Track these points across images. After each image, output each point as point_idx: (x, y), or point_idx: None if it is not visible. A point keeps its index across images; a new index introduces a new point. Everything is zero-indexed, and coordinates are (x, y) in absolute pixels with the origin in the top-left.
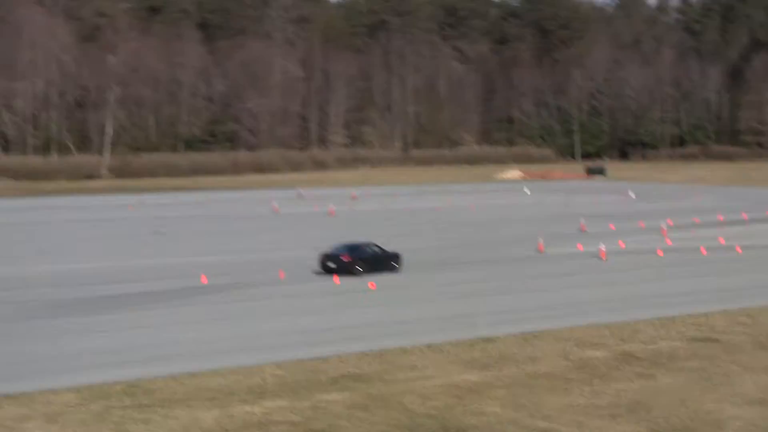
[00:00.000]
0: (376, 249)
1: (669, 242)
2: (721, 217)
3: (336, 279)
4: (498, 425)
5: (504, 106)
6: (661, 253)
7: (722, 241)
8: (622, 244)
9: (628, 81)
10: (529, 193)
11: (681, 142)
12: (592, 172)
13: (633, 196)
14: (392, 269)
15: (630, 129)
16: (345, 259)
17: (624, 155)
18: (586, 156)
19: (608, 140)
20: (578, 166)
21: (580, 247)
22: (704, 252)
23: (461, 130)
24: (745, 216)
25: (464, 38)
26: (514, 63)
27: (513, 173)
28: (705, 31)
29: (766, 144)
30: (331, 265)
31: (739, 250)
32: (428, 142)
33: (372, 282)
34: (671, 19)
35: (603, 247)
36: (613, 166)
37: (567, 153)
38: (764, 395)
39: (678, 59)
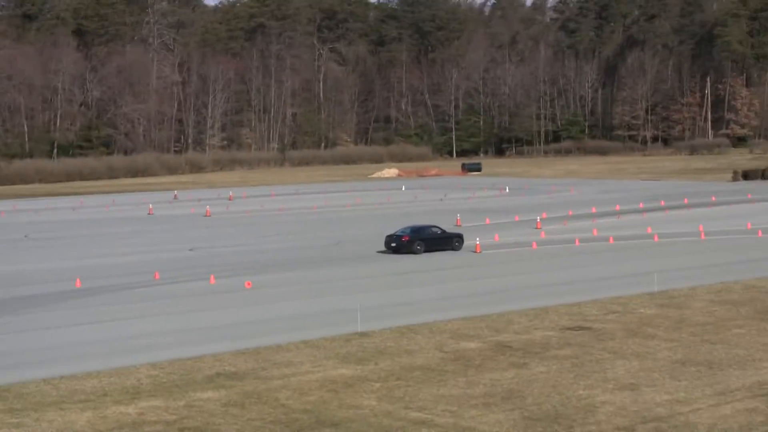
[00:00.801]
0: (437, 230)
1: (543, 235)
2: (594, 210)
3: (212, 279)
4: (373, 418)
5: (382, 106)
6: (535, 246)
7: (595, 232)
8: (497, 238)
9: (505, 79)
10: (405, 190)
11: (556, 137)
12: (468, 168)
13: (508, 190)
14: (454, 248)
15: (506, 126)
16: (404, 239)
17: (500, 151)
18: (463, 153)
19: (485, 137)
20: (455, 163)
21: None
22: (578, 243)
23: (339, 131)
24: (617, 208)
25: (342, 40)
26: (392, 64)
27: (390, 172)
28: (580, 30)
29: (638, 138)
30: (393, 244)
31: (611, 240)
32: (306, 142)
33: (248, 281)
34: (547, 18)
35: (478, 241)
36: (488, 162)
37: (444, 151)
38: (634, 380)
39: (554, 57)
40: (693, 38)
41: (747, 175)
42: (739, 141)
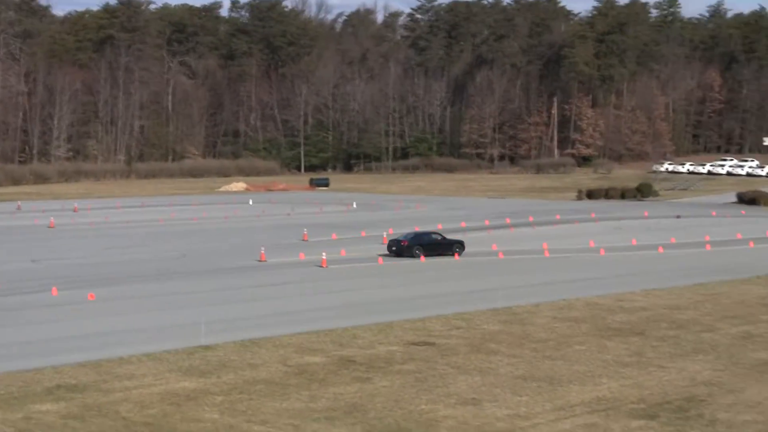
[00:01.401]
0: (438, 236)
1: None
2: (440, 226)
3: (54, 291)
4: (215, 431)
5: (231, 120)
6: (381, 261)
7: None
8: (343, 253)
9: (354, 95)
10: (252, 204)
11: (404, 154)
12: (316, 183)
13: (355, 206)
14: (453, 254)
15: (355, 142)
16: (403, 243)
17: (348, 167)
18: (312, 168)
19: (333, 153)
20: (303, 178)
21: (302, 257)
22: (423, 259)
23: (187, 144)
24: (463, 225)
25: (192, 53)
26: (242, 78)
27: (238, 185)
28: (430, 48)
29: (485, 156)
30: (394, 248)
31: (457, 257)
32: (153, 155)
33: (91, 293)
34: (398, 35)
35: (324, 256)
36: (337, 178)
37: (292, 165)
38: (476, 395)
39: (404, 74)
40: (541, 59)
41: (591, 195)
42: (584, 161)
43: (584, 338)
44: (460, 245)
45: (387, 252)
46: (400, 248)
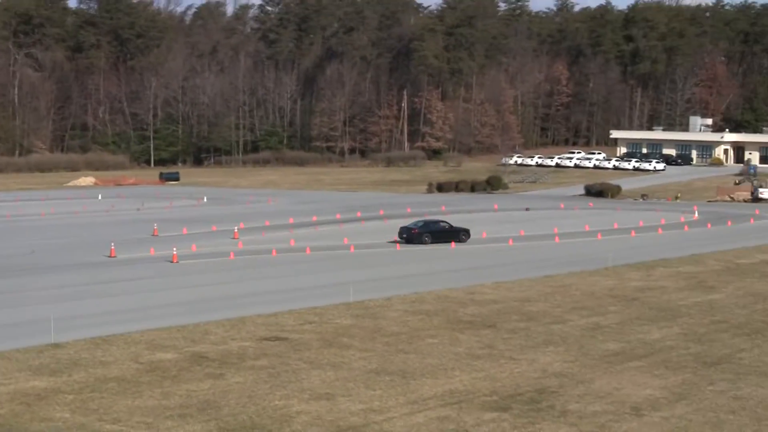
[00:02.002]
0: (445, 224)
1: (241, 245)
2: (291, 220)
3: None
4: (66, 430)
5: (79, 113)
6: (233, 256)
7: (293, 243)
8: (194, 248)
9: (204, 89)
10: (102, 199)
11: (255, 148)
12: (166, 177)
13: (206, 200)
14: (461, 241)
15: (205, 135)
16: (414, 231)
17: (199, 161)
18: (161, 162)
19: (183, 146)
20: (153, 172)
21: (153, 252)
22: (275, 254)
23: (34, 138)
24: (314, 218)
25: (39, 45)
26: (90, 71)
27: (86, 180)
28: (280, 41)
29: (336, 149)
30: (405, 235)
31: (308, 251)
32: None
33: None
34: (248, 28)
35: (175, 251)
36: (187, 172)
37: (142, 160)
38: (330, 390)
39: (254, 67)
40: (391, 52)
41: (441, 188)
42: (434, 154)
43: (436, 331)
44: (465, 233)
45: (398, 239)
46: (410, 236)
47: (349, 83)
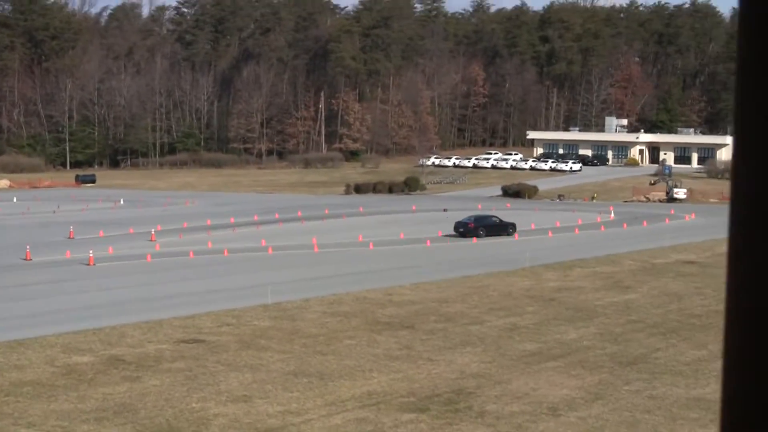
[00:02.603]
0: (496, 219)
1: (158, 247)
2: (209, 222)
3: None
4: None
5: None
6: (150, 259)
7: (210, 245)
8: (111, 251)
9: (120, 90)
10: (17, 202)
11: (172, 149)
12: (82, 180)
13: (123, 202)
14: (509, 234)
15: (121, 138)
16: (470, 225)
17: (115, 163)
18: (77, 164)
19: (99, 149)
20: (69, 175)
21: (69, 255)
22: (192, 256)
23: None
24: (232, 220)
25: None
26: (4, 72)
27: (1, 183)
28: (197, 42)
29: (253, 151)
30: (461, 229)
31: (226, 253)
32: None
33: None
34: (164, 29)
35: (92, 254)
36: (104, 174)
37: (58, 162)
38: (247, 392)
39: (170, 69)
40: (307, 53)
41: (359, 189)
42: (352, 155)
43: (354, 333)
44: (513, 227)
45: (453, 233)
46: (467, 229)
47: (266, 85)
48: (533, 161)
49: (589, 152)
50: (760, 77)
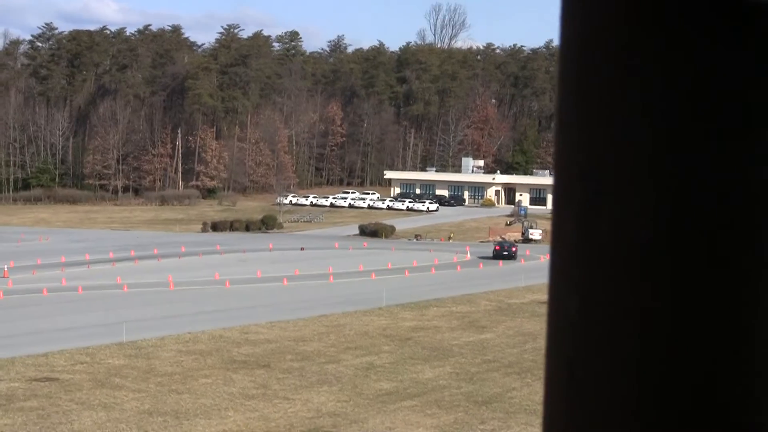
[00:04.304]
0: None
1: (11, 284)
2: (63, 259)
3: None
4: None
5: None
6: (2, 296)
7: (65, 282)
8: None
9: None
10: None
11: (26, 185)
12: None
13: None
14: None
15: None
16: (514, 249)
17: None
18: None
19: None
20: None
21: None
22: (46, 293)
23: None
24: (87, 257)
25: None
26: None
27: None
28: (52, 77)
29: (109, 187)
30: (505, 252)
31: (80, 290)
32: None
33: None
34: (18, 64)
35: None
36: None
37: None
38: (100, 431)
39: (24, 104)
40: (165, 90)
41: (216, 227)
42: (209, 193)
43: (210, 371)
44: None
45: (492, 256)
46: (511, 253)
47: (123, 121)
48: (390, 201)
49: (446, 192)
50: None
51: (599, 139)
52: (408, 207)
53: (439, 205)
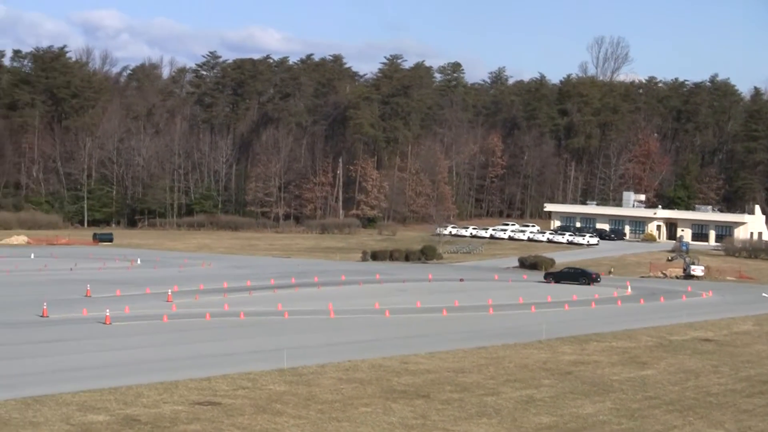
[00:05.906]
0: (591, 272)
1: (174, 308)
2: (225, 285)
3: None
4: None
5: (12, 172)
6: (166, 319)
7: (227, 307)
8: (127, 310)
9: (139, 150)
10: (34, 258)
11: (189, 211)
12: (99, 238)
13: (139, 262)
14: (597, 281)
15: (139, 197)
16: (593, 276)
17: (133, 223)
18: (95, 223)
19: (117, 208)
20: (86, 233)
21: (85, 312)
22: (209, 318)
23: None
24: (249, 283)
25: None
26: (24, 129)
27: (19, 239)
28: (216, 105)
29: (270, 215)
30: (583, 279)
31: (242, 316)
32: None
33: None
34: (184, 91)
35: (108, 313)
36: (121, 233)
37: (75, 220)
38: None
39: (189, 131)
40: (326, 119)
41: (375, 256)
42: (368, 222)
43: (370, 400)
44: (597, 276)
45: (548, 279)
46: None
47: (285, 149)
48: (550, 233)
49: (606, 226)
50: None
51: None
52: (568, 240)
53: (600, 238)
